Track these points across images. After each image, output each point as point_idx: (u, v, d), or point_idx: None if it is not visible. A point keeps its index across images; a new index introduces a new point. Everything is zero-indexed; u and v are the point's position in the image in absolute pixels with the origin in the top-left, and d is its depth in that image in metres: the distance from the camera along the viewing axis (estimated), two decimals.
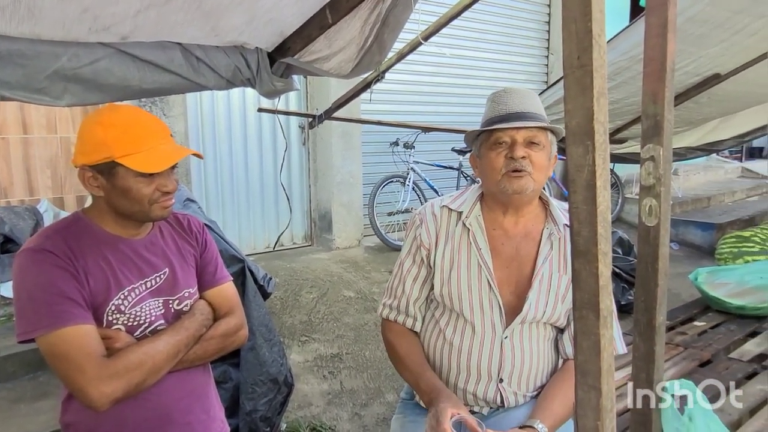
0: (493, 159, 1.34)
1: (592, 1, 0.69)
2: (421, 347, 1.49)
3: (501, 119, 1.33)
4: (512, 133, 1.32)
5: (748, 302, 2.89)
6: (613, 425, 0.80)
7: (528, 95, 1.39)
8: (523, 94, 1.38)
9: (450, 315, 1.44)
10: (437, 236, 1.45)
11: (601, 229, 0.73)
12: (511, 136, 1.32)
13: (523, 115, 1.33)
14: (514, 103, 1.35)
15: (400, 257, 1.53)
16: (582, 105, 0.71)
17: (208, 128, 4.31)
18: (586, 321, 0.77)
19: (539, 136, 1.33)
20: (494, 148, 1.34)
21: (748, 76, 3.12)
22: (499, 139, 1.33)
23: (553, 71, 6.23)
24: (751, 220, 6.06)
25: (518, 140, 1.31)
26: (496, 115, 1.35)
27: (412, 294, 1.49)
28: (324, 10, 1.51)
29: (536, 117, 1.34)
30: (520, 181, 1.31)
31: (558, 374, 1.44)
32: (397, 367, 1.50)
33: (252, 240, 4.63)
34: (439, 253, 1.44)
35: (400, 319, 1.52)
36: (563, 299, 1.40)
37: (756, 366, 2.31)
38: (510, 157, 1.31)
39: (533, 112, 1.34)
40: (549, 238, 1.41)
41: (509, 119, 1.32)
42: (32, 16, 1.18)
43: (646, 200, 1.01)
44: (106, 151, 1.18)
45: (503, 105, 1.35)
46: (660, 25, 0.98)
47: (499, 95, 1.39)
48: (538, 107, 1.37)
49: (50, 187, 3.88)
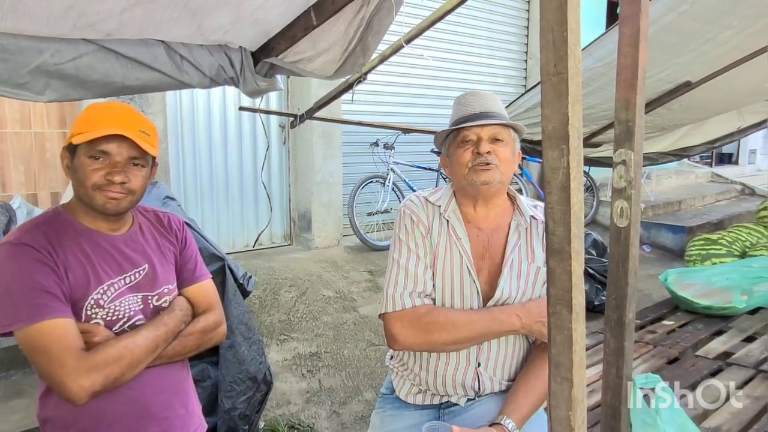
0: (461, 155, 1.44)
1: (569, 13, 0.72)
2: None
3: (467, 119, 1.44)
4: (477, 130, 1.42)
5: (715, 302, 2.99)
6: (584, 415, 0.84)
7: (490, 97, 1.49)
8: (486, 96, 1.49)
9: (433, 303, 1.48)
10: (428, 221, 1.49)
11: (574, 229, 0.77)
12: (477, 133, 1.42)
13: (487, 115, 1.43)
14: (478, 104, 1.45)
15: (396, 247, 1.48)
16: (558, 111, 0.75)
17: (188, 126, 4.28)
18: (559, 316, 0.80)
19: (503, 133, 1.43)
20: (462, 145, 1.44)
21: (718, 84, 3.23)
22: (466, 138, 1.43)
23: (531, 75, 6.32)
24: (720, 224, 6.23)
25: (483, 137, 1.42)
26: (462, 116, 1.46)
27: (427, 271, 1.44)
28: (309, 12, 1.53)
29: (499, 116, 1.44)
30: (487, 173, 1.40)
31: (525, 367, 1.51)
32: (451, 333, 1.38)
33: (231, 239, 4.61)
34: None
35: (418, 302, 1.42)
36: (533, 285, 1.48)
37: (721, 363, 2.40)
38: (477, 152, 1.41)
39: (496, 112, 1.45)
40: (517, 228, 1.50)
41: (474, 119, 1.42)
42: (16, 12, 1.18)
43: (617, 202, 1.06)
44: (70, 131, 1.23)
45: (468, 106, 1.46)
46: (632, 35, 1.03)
47: (464, 97, 1.50)
48: (500, 107, 1.48)
49: (23, 183, 3.81)
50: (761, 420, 1.89)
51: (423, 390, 1.54)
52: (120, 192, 1.24)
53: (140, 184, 1.28)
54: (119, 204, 1.26)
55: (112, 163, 1.22)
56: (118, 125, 1.20)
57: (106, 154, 1.21)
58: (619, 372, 1.11)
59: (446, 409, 1.52)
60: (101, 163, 1.22)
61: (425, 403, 1.54)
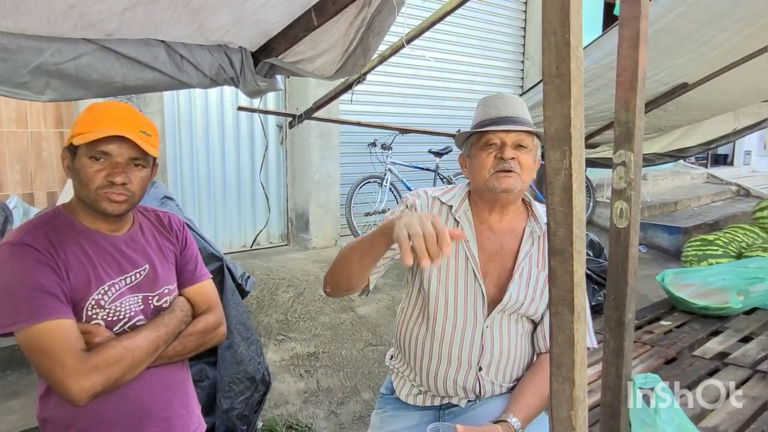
0: (483, 159, 1.41)
1: (571, 15, 0.73)
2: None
3: (492, 122, 1.41)
4: (502, 135, 1.39)
5: (711, 303, 3.01)
6: (585, 415, 0.84)
7: (517, 101, 1.46)
8: (513, 100, 1.46)
9: (436, 304, 1.48)
10: None
11: (576, 230, 0.77)
12: (501, 138, 1.39)
13: (513, 120, 1.40)
14: (505, 107, 1.42)
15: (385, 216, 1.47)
16: (560, 112, 0.75)
17: (185, 126, 4.27)
18: (561, 316, 0.81)
19: (527, 140, 1.41)
20: (485, 148, 1.41)
21: (714, 85, 3.25)
22: (489, 141, 1.40)
23: (528, 76, 6.34)
24: (716, 224, 6.26)
25: (507, 142, 1.39)
26: (488, 118, 1.42)
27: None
28: (309, 13, 1.53)
29: (525, 122, 1.42)
30: (508, 180, 1.38)
31: (532, 369, 1.50)
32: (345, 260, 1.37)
33: (228, 239, 4.60)
34: None
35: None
36: (541, 294, 1.46)
37: (718, 363, 2.42)
38: (500, 157, 1.38)
39: (522, 117, 1.42)
40: (531, 235, 1.48)
41: (500, 123, 1.39)
42: (17, 11, 1.17)
43: (617, 203, 1.07)
44: (71, 132, 1.22)
45: (494, 109, 1.43)
46: (632, 37, 1.04)
47: (490, 99, 1.46)
48: (525, 113, 1.45)
49: (20, 182, 3.79)
50: (758, 420, 1.90)
51: (423, 391, 1.53)
52: (121, 193, 1.24)
53: (141, 185, 1.28)
54: (121, 206, 1.26)
55: (112, 164, 1.22)
56: (119, 126, 1.20)
57: (107, 155, 1.21)
58: (619, 372, 1.11)
59: (446, 410, 1.52)
60: (102, 164, 1.21)
61: (425, 404, 1.54)
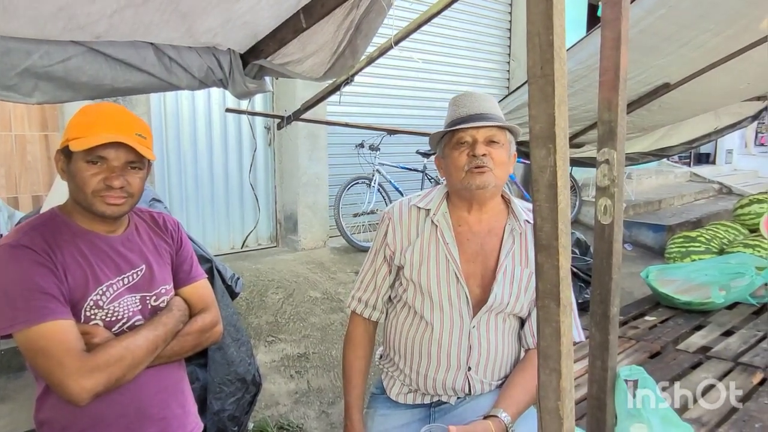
0: (456, 158, 1.42)
1: (554, 17, 0.75)
2: (368, 362, 1.61)
3: (462, 120, 1.42)
4: (473, 132, 1.40)
5: (694, 298, 3.06)
6: (572, 405, 0.87)
7: (486, 98, 1.48)
8: (482, 97, 1.47)
9: (422, 308, 1.49)
10: (408, 236, 1.50)
11: (561, 225, 0.80)
12: (472, 135, 1.40)
13: (483, 116, 1.41)
14: (474, 105, 1.44)
15: (372, 250, 1.58)
16: (544, 111, 0.78)
17: (172, 127, 4.25)
18: (548, 310, 0.83)
19: (498, 135, 1.42)
20: (457, 147, 1.42)
21: (695, 86, 3.31)
22: (461, 139, 1.41)
23: (514, 77, 6.40)
24: (698, 222, 6.37)
25: (479, 139, 1.40)
26: (458, 117, 1.44)
27: (382, 287, 1.56)
28: (298, 15, 1.54)
29: (495, 118, 1.43)
30: (482, 177, 1.39)
31: (520, 365, 1.52)
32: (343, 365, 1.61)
33: (216, 241, 4.59)
34: (408, 251, 1.49)
35: (366, 313, 1.58)
36: (525, 290, 1.48)
37: (701, 356, 2.47)
38: (472, 155, 1.39)
39: (492, 114, 1.43)
40: (511, 233, 1.49)
41: (470, 120, 1.41)
42: (5, 13, 1.17)
43: (601, 200, 1.10)
44: (65, 135, 1.22)
45: (464, 107, 1.44)
46: (614, 39, 1.07)
47: (459, 98, 1.48)
48: (495, 109, 1.46)
49: (4, 186, 3.75)
50: (739, 411, 1.95)
51: (413, 390, 1.54)
52: (120, 197, 1.25)
53: (138, 187, 1.29)
54: (120, 209, 1.27)
55: (109, 168, 1.22)
56: (116, 130, 1.20)
57: (104, 159, 1.21)
58: (605, 365, 1.14)
59: (437, 408, 1.53)
60: (99, 168, 1.22)
61: (416, 402, 1.55)
